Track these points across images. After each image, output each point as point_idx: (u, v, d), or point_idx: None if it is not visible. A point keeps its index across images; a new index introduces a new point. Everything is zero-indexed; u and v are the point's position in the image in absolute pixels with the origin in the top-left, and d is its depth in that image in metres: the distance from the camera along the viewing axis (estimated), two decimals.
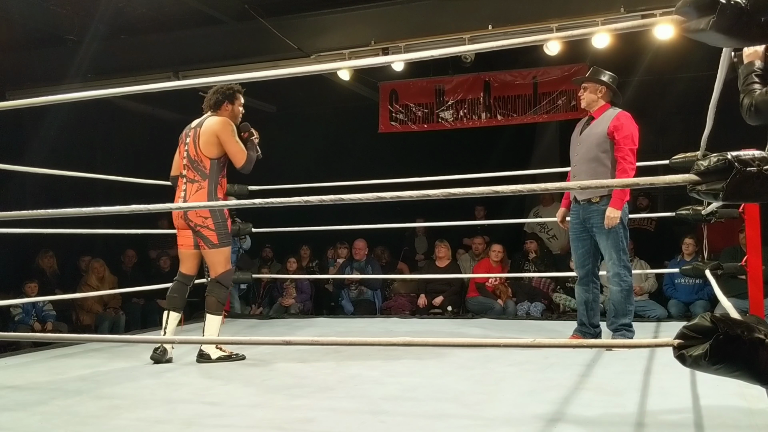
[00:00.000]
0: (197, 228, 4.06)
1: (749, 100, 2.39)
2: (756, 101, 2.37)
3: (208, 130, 4.05)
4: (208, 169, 4.06)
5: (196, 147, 4.07)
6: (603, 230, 4.22)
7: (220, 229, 4.06)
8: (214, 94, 4.17)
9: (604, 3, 6.01)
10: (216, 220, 4.04)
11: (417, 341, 2.19)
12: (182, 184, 4.14)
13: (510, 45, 2.22)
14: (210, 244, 4.08)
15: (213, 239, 4.06)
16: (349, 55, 6.73)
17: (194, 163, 4.07)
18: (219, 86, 4.15)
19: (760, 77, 2.42)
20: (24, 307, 6.76)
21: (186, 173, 4.11)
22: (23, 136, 7.73)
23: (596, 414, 2.76)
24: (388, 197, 2.12)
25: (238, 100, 4.20)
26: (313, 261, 8.27)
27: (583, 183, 3.85)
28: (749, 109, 2.40)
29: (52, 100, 2.81)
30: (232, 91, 4.16)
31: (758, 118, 2.40)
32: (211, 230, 4.04)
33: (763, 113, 2.38)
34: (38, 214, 2.68)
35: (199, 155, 4.06)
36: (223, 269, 4.16)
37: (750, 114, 2.41)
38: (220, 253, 4.12)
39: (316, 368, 3.85)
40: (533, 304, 6.97)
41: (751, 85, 2.42)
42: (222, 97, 4.15)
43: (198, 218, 4.02)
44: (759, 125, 2.43)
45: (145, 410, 3.01)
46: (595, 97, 4.37)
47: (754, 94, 2.39)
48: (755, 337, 1.66)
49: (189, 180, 4.09)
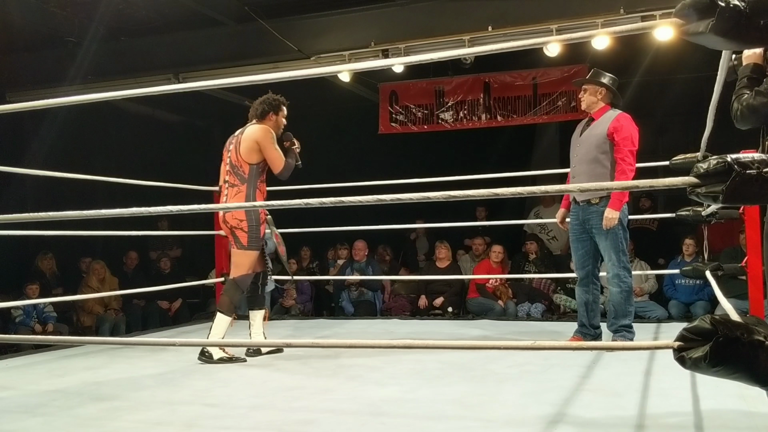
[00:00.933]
0: (233, 229, 4.19)
1: (737, 105, 2.41)
2: (742, 106, 2.39)
3: (250, 137, 4.22)
4: (246, 173, 4.20)
5: (237, 153, 4.23)
6: (602, 231, 4.23)
7: (252, 233, 4.17)
8: (260, 104, 4.34)
9: (604, 4, 6.01)
10: (250, 222, 4.16)
11: (416, 343, 2.20)
12: (224, 189, 4.34)
13: (510, 48, 2.22)
14: (239, 245, 4.19)
15: (243, 241, 4.17)
16: (349, 56, 6.73)
17: (235, 168, 4.24)
18: (266, 97, 4.34)
19: (751, 81, 2.43)
20: (25, 309, 6.76)
21: (228, 179, 4.29)
22: (23, 138, 7.74)
23: (596, 415, 2.77)
24: (388, 199, 2.12)
25: (282, 111, 4.38)
26: (313, 262, 8.27)
27: (582, 185, 3.85)
28: (736, 113, 2.42)
29: (52, 104, 2.80)
30: (278, 103, 4.35)
31: (744, 123, 2.42)
32: (243, 232, 4.16)
33: (747, 118, 2.40)
34: (39, 216, 2.68)
35: (239, 160, 4.21)
36: (245, 272, 4.22)
37: (737, 118, 2.43)
38: (246, 255, 4.20)
39: (316, 370, 3.85)
40: (534, 305, 6.97)
41: (741, 90, 2.44)
42: (268, 107, 4.32)
43: (234, 220, 4.17)
44: (754, 128, 2.45)
45: (145, 412, 3.02)
46: (595, 99, 4.37)
47: (741, 98, 2.41)
48: (755, 339, 1.66)
49: (230, 185, 4.26)
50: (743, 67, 2.52)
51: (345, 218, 5.87)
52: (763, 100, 2.35)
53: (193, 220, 7.01)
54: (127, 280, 7.69)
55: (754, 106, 2.37)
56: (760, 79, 2.46)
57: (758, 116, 2.39)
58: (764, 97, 2.35)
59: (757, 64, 2.50)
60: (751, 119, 2.41)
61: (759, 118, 2.40)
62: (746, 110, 2.39)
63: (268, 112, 4.32)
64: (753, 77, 2.46)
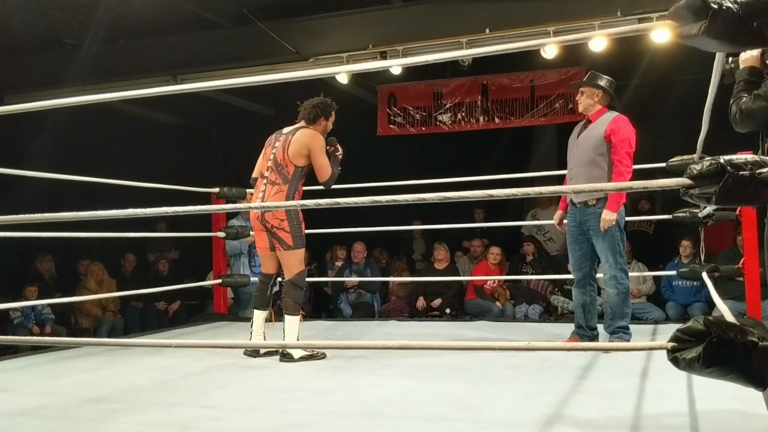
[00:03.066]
0: (273, 229, 4.18)
1: (735, 108, 2.41)
2: (741, 109, 2.40)
3: (301, 141, 4.21)
4: (291, 174, 4.21)
5: (284, 152, 4.21)
6: (599, 233, 4.24)
7: (295, 231, 4.18)
8: (313, 108, 4.35)
9: (601, 6, 6.02)
10: (292, 222, 4.16)
11: (412, 344, 2.20)
12: (261, 185, 4.30)
13: (507, 50, 2.23)
14: (285, 246, 4.20)
15: (288, 241, 4.18)
16: (347, 58, 6.74)
17: (279, 167, 4.22)
18: (319, 101, 4.37)
19: (748, 84, 2.44)
20: (23, 311, 6.76)
21: (268, 175, 4.26)
22: (21, 139, 7.74)
23: (593, 417, 2.77)
24: (384, 201, 2.13)
25: (332, 117, 4.42)
26: (311, 264, 8.27)
27: (577, 187, 3.85)
28: (735, 117, 2.42)
29: (50, 105, 2.81)
30: (330, 109, 4.40)
31: (743, 126, 2.42)
32: (286, 232, 4.17)
33: (746, 121, 2.40)
34: (37, 218, 2.68)
35: (285, 160, 4.20)
36: (298, 270, 4.25)
37: (735, 122, 2.43)
38: (295, 254, 4.23)
39: (313, 371, 3.85)
40: (531, 306, 6.98)
41: (739, 93, 2.45)
42: (320, 112, 4.34)
43: (275, 220, 4.16)
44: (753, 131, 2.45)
45: (142, 414, 3.02)
46: (591, 102, 4.38)
47: (740, 102, 2.41)
48: (748, 340, 1.67)
49: (270, 182, 4.24)
50: (740, 71, 2.53)
51: (343, 220, 5.88)
52: (761, 104, 2.36)
53: (191, 222, 7.01)
54: (125, 282, 7.70)
55: (752, 109, 2.38)
56: (758, 83, 2.47)
57: (756, 120, 2.40)
58: (763, 101, 2.36)
59: (754, 67, 2.50)
60: (749, 123, 2.42)
61: (757, 121, 2.40)
62: (744, 114, 2.40)
63: (319, 117, 4.34)
64: (750, 80, 2.46)
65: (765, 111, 2.36)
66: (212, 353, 4.36)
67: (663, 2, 5.54)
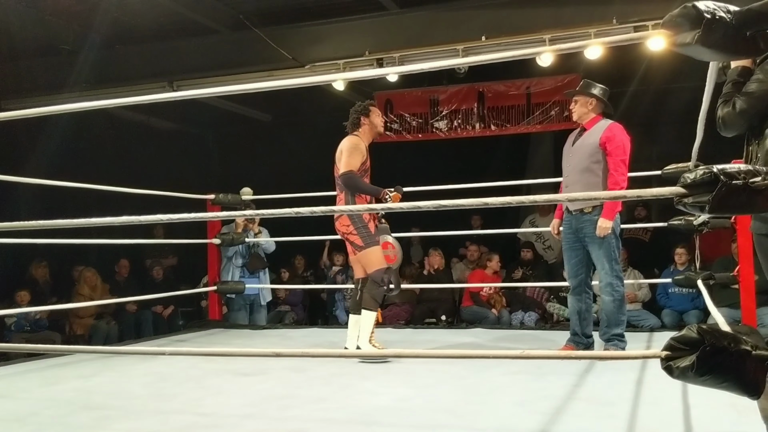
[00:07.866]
0: (345, 236, 4.41)
1: (720, 113, 2.42)
2: (722, 114, 2.41)
3: (340, 148, 4.47)
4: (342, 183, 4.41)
5: (336, 163, 4.47)
6: (595, 240, 4.24)
7: (362, 232, 4.34)
8: (351, 115, 4.54)
9: (597, 14, 6.05)
10: (356, 225, 4.34)
11: (407, 353, 2.20)
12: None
13: (503, 58, 2.24)
14: (357, 248, 4.38)
15: (358, 243, 4.36)
16: (344, 65, 6.76)
17: (336, 179, 4.47)
18: (356, 106, 4.55)
19: (736, 85, 2.43)
20: (17, 316, 6.74)
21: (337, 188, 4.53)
22: (18, 146, 7.72)
23: (588, 424, 2.77)
24: (379, 208, 2.13)
25: (373, 112, 4.56)
26: (308, 270, 8.27)
27: (571, 195, 3.89)
28: (719, 121, 2.43)
29: (46, 112, 2.81)
30: (363, 106, 4.55)
31: (727, 130, 2.43)
32: (355, 235, 4.35)
33: (728, 126, 2.41)
34: (32, 225, 2.68)
35: (337, 171, 4.45)
36: (376, 267, 4.34)
37: (719, 126, 2.44)
38: (368, 253, 4.35)
39: (308, 379, 3.84)
40: (527, 313, 6.98)
41: (725, 95, 2.45)
42: (358, 115, 4.52)
43: (342, 227, 4.39)
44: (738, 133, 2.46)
45: (137, 421, 3.01)
46: (585, 110, 4.40)
47: (725, 106, 2.42)
48: (742, 349, 1.67)
49: (338, 192, 4.49)
50: (731, 70, 2.52)
51: None
52: (743, 106, 2.35)
53: (187, 228, 6.99)
54: (119, 288, 7.67)
55: (733, 114, 2.38)
56: (745, 83, 2.45)
57: (740, 124, 2.40)
58: (744, 103, 2.35)
59: (745, 67, 2.48)
60: (733, 127, 2.42)
61: (741, 124, 2.40)
62: (727, 117, 2.40)
63: (359, 119, 4.51)
64: (739, 81, 2.45)
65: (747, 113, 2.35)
66: (207, 360, 4.35)
67: (659, 10, 5.57)
